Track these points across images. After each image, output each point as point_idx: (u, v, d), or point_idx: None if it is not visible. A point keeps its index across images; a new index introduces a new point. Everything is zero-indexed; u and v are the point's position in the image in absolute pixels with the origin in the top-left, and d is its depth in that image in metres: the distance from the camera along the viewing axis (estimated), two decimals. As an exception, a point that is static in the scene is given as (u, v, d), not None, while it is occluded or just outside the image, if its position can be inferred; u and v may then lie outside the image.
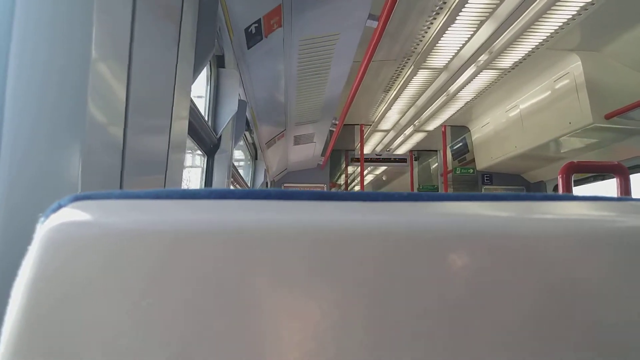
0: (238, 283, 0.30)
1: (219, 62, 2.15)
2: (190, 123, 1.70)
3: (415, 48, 3.68)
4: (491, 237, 0.33)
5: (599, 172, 3.42)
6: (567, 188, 1.68)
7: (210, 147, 2.15)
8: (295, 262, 0.31)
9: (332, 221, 0.33)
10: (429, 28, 3.33)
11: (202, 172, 2.18)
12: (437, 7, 3.04)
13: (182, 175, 1.39)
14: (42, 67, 0.77)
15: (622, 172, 1.67)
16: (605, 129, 3.82)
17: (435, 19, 3.19)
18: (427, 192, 0.37)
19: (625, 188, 1.66)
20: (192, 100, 1.58)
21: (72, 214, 0.31)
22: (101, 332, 0.29)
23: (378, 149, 7.22)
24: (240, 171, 3.45)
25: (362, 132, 6.18)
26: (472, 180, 6.29)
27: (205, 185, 2.18)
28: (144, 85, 1.03)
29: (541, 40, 3.43)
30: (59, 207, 0.32)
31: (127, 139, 0.93)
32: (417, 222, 0.33)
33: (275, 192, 0.36)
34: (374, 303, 0.31)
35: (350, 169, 7.26)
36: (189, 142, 1.89)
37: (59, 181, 0.76)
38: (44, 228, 0.31)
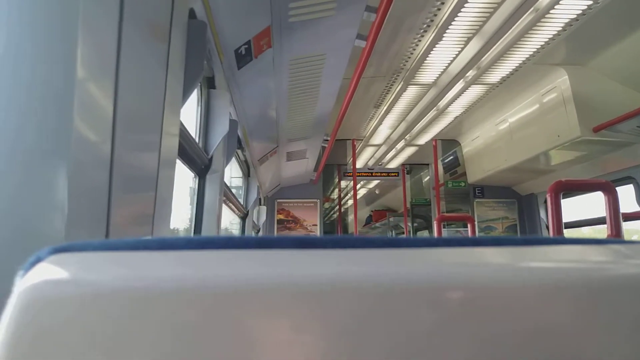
0: (217, 338, 0.30)
1: (210, 83, 2.16)
2: (180, 144, 1.70)
3: (404, 65, 3.73)
4: (474, 287, 0.33)
5: (586, 190, 3.46)
6: (556, 206, 1.70)
7: (201, 168, 2.16)
8: (276, 316, 0.31)
9: (312, 274, 0.32)
10: (417, 45, 3.38)
11: (194, 192, 2.18)
12: (425, 25, 3.08)
13: (172, 192, 1.39)
14: (26, 85, 0.78)
15: (609, 190, 1.69)
16: (594, 142, 3.87)
17: (423, 36, 3.23)
18: (407, 238, 0.37)
19: (613, 205, 1.68)
20: (181, 123, 1.59)
21: (50, 270, 0.31)
22: None
23: (370, 163, 7.25)
24: (233, 189, 3.46)
25: (354, 147, 6.21)
26: (463, 193, 6.32)
27: (197, 206, 2.18)
28: (132, 104, 1.03)
29: (528, 56, 3.48)
30: (38, 260, 0.32)
31: (115, 156, 0.93)
32: (398, 273, 0.33)
33: (255, 240, 0.35)
34: (356, 357, 0.31)
35: (343, 183, 7.28)
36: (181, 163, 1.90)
37: (46, 199, 0.76)
38: (22, 285, 0.30)
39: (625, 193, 4.22)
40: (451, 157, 6.35)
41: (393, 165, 7.12)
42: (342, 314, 0.31)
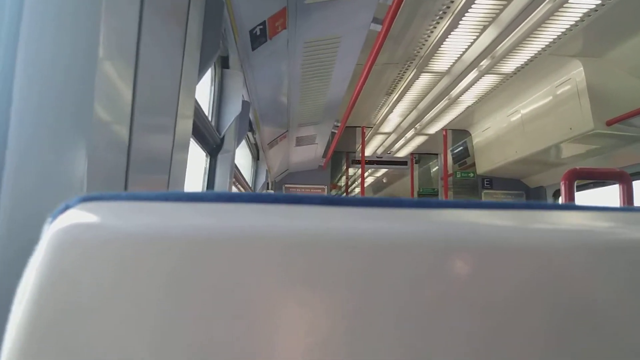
0: (250, 289, 0.30)
1: (224, 63, 2.16)
2: (193, 123, 1.71)
3: (418, 52, 3.69)
4: (494, 246, 0.33)
5: (601, 179, 3.44)
6: (570, 194, 1.69)
7: (213, 147, 2.16)
8: (307, 267, 0.31)
9: (342, 228, 0.33)
10: (432, 32, 3.35)
11: (205, 172, 2.19)
12: (441, 12, 3.05)
13: (185, 175, 1.40)
14: (49, 66, 0.78)
15: (624, 180, 1.67)
16: (607, 136, 3.83)
17: (438, 23, 3.20)
18: (434, 200, 0.37)
19: (628, 195, 1.66)
20: (196, 101, 1.59)
21: (80, 215, 0.31)
22: (111, 338, 0.29)
23: (379, 151, 7.22)
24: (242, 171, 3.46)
25: (363, 134, 6.19)
26: (472, 184, 6.30)
27: (207, 186, 2.19)
28: (150, 85, 1.04)
29: (544, 46, 3.44)
30: (67, 208, 0.32)
31: (132, 139, 0.94)
32: (424, 230, 0.33)
33: (283, 196, 0.36)
34: (380, 309, 0.31)
35: (351, 171, 7.27)
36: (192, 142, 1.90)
37: (65, 179, 0.77)
38: (52, 229, 0.30)
39: (637, 189, 4.18)
40: (461, 148, 6.32)
41: (402, 154, 7.10)
42: (373, 267, 0.32)
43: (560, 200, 1.71)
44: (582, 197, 4.91)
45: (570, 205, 0.40)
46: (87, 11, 0.79)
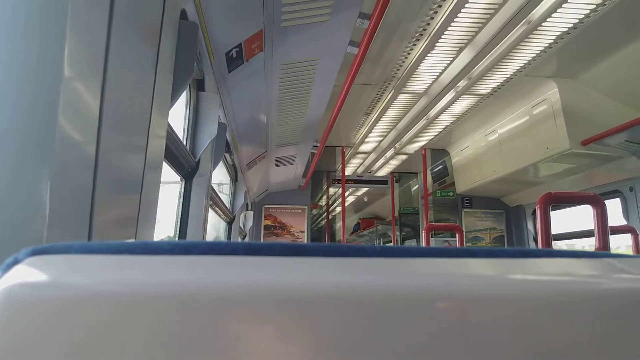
0: (201, 346, 0.29)
1: (199, 86, 2.13)
2: (167, 147, 1.67)
3: (396, 73, 3.72)
4: (466, 298, 0.32)
5: (575, 203, 3.47)
6: (545, 218, 1.70)
7: (188, 171, 2.12)
8: (262, 324, 0.30)
9: (300, 282, 0.31)
10: (409, 54, 3.38)
11: (180, 196, 2.14)
12: (417, 34, 3.08)
13: (157, 196, 1.36)
14: (13, 83, 0.76)
15: (598, 203, 1.69)
16: (582, 155, 3.89)
17: (415, 45, 3.23)
18: (399, 247, 0.36)
19: (602, 218, 1.68)
20: (169, 124, 1.56)
21: (28, 272, 0.30)
22: None
23: (359, 170, 7.24)
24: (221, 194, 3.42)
25: (343, 154, 6.19)
26: (452, 203, 6.33)
27: (182, 210, 2.14)
28: (119, 105, 1.02)
29: (519, 67, 3.50)
30: (16, 262, 0.31)
31: (99, 158, 0.91)
32: (389, 283, 0.32)
33: (242, 246, 0.34)
34: None
35: (331, 190, 7.26)
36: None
37: (27, 199, 0.74)
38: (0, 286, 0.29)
39: (612, 207, 4.25)
40: (440, 167, 6.37)
41: (382, 173, 7.13)
42: (330, 324, 0.30)
43: (537, 223, 1.72)
44: (559, 216, 4.97)
45: (551, 252, 0.40)
46: (52, 28, 0.78)
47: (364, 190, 8.62)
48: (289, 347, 0.30)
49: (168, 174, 1.99)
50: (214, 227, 3.89)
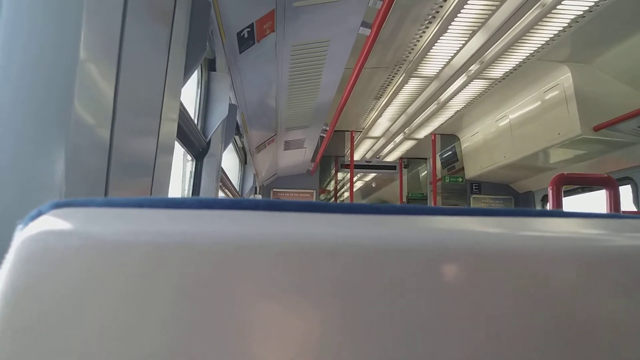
0: (222, 295, 0.30)
1: (210, 66, 2.13)
2: (179, 126, 1.67)
3: (407, 56, 3.69)
4: (482, 253, 0.33)
5: (588, 184, 3.45)
6: (557, 199, 1.68)
7: (199, 151, 2.13)
8: (282, 275, 0.30)
9: (320, 234, 0.32)
10: (421, 37, 3.34)
11: (190, 176, 2.15)
12: (430, 16, 3.05)
13: (169, 178, 1.37)
14: (29, 66, 0.76)
15: (611, 185, 1.67)
16: (594, 141, 3.85)
17: (427, 27, 3.20)
18: (415, 206, 0.37)
19: (614, 200, 1.66)
20: (182, 104, 1.56)
21: (52, 222, 0.30)
22: (82, 347, 0.28)
23: (368, 155, 7.22)
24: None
25: (352, 138, 6.17)
26: (460, 189, 6.31)
27: (193, 190, 2.15)
28: (133, 87, 1.02)
29: (532, 52, 3.45)
30: (39, 214, 0.31)
31: (114, 141, 0.91)
32: (405, 237, 0.33)
33: (264, 202, 0.35)
34: (359, 317, 0.31)
35: (339, 175, 7.25)
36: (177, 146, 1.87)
37: (43, 182, 0.75)
38: (21, 236, 0.30)
39: (623, 194, 4.21)
40: (449, 152, 6.33)
41: (391, 158, 7.11)
42: (350, 274, 0.31)
43: (548, 206, 1.70)
44: (570, 203, 4.95)
45: (554, 212, 0.40)
46: (69, 11, 0.78)
47: (372, 175, 8.60)
48: (304, 298, 0.31)
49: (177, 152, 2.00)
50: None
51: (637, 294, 0.34)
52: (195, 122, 2.07)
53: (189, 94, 2.08)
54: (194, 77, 2.09)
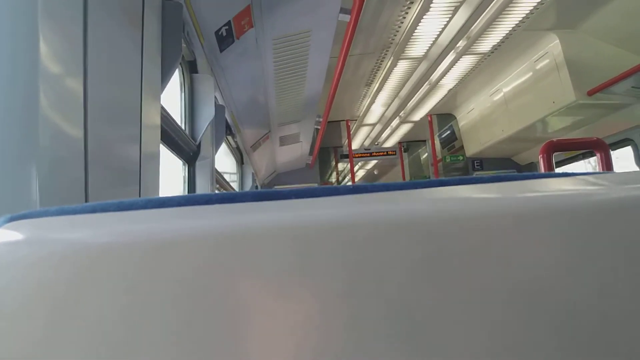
0: (172, 289, 0.29)
1: (192, 68, 2.11)
2: (166, 132, 1.66)
3: (393, 39, 3.66)
4: (479, 218, 0.33)
5: (579, 149, 3.42)
6: (549, 167, 1.67)
7: (190, 155, 2.11)
8: (238, 263, 0.30)
9: (274, 220, 0.32)
10: (405, 18, 3.31)
11: (184, 181, 2.14)
12: (411, -4, 3.02)
13: (158, 184, 1.36)
14: None
15: (602, 148, 1.65)
16: (589, 106, 3.82)
17: (409, 8, 3.17)
18: (396, 183, 0.37)
19: (606, 162, 1.64)
20: (164, 109, 1.54)
21: (4, 235, 0.31)
22: (33, 352, 0.28)
23: (366, 143, 7.20)
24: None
25: (348, 127, 6.15)
26: (462, 167, 6.28)
27: (188, 193, 2.14)
28: (105, 94, 1.00)
29: (517, 22, 3.41)
30: None
31: (89, 150, 0.90)
32: (401, 210, 0.33)
33: (218, 196, 0.35)
34: (359, 295, 0.30)
35: (340, 166, 7.24)
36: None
37: (16, 199, 0.73)
38: None
39: (625, 155, 4.19)
40: (448, 132, 6.30)
41: (390, 144, 7.08)
42: (340, 253, 0.31)
43: (541, 172, 1.68)
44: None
45: (548, 174, 0.40)
46: (23, 25, 0.76)
47: (373, 162, 8.58)
48: (290, 277, 0.30)
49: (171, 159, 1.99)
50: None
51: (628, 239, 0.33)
52: (183, 126, 2.06)
53: (174, 99, 2.07)
54: (177, 81, 2.08)
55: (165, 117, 1.62)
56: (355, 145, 6.87)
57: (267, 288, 0.30)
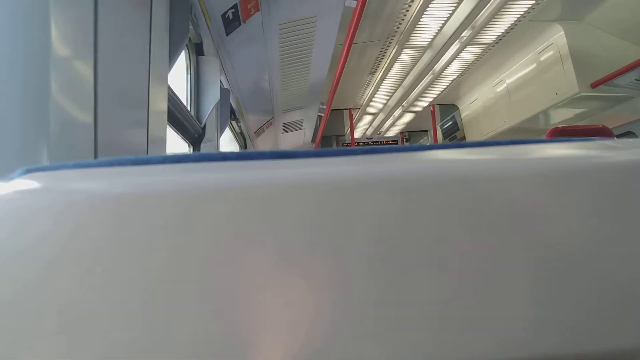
0: (192, 242, 0.30)
1: (198, 50, 2.12)
2: (172, 113, 1.68)
3: (398, 27, 3.66)
4: (468, 179, 0.33)
5: (584, 136, 3.40)
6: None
7: (195, 137, 2.13)
8: (246, 219, 0.30)
9: (321, 175, 0.33)
10: (410, 6, 3.31)
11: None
12: (417, -16, 3.02)
13: None
14: (1, 72, 0.74)
15: (607, 134, 1.66)
16: (592, 98, 3.81)
17: (415, -4, 3.16)
18: (417, 145, 0.39)
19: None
20: (171, 89, 1.56)
21: (22, 184, 0.31)
22: (56, 302, 0.28)
23: (368, 132, 7.20)
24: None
25: (351, 116, 6.15)
26: (463, 158, 6.28)
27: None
28: (116, 75, 1.00)
29: (523, 12, 3.41)
30: (10, 179, 0.32)
31: (98, 137, 0.89)
32: (411, 170, 0.33)
33: (234, 154, 0.35)
34: (375, 253, 0.31)
35: (342, 155, 7.22)
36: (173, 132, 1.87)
37: None
38: None
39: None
40: (450, 122, 6.30)
41: (392, 133, 7.08)
42: (356, 211, 0.31)
43: None
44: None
45: (541, 140, 0.40)
46: (35, 7, 0.75)
47: (375, 152, 8.57)
48: (279, 231, 0.30)
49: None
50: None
51: (625, 204, 0.34)
52: (188, 107, 2.07)
53: (180, 80, 2.08)
54: (183, 63, 2.09)
55: (172, 97, 1.64)
56: (357, 134, 6.88)
57: (283, 244, 0.30)
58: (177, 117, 1.80)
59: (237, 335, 0.29)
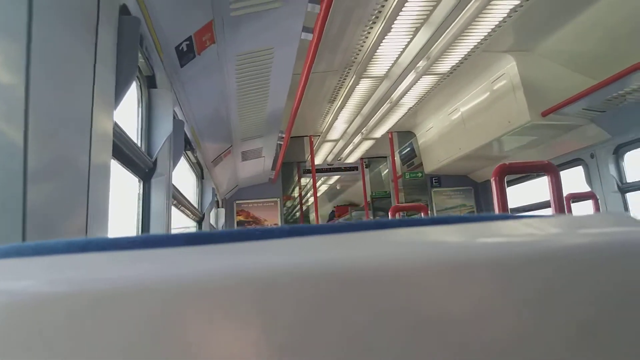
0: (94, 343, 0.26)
1: (150, 83, 2.06)
2: (118, 148, 1.61)
3: (356, 58, 3.70)
4: (418, 265, 0.30)
5: (530, 172, 3.52)
6: (501, 189, 1.70)
7: (145, 172, 2.05)
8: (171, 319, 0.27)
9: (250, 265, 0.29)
10: (367, 38, 3.36)
11: (138, 198, 2.08)
12: (373, 17, 3.06)
13: (108, 203, 1.30)
14: None
15: (552, 171, 1.70)
16: (543, 126, 3.95)
17: (372, 28, 3.21)
18: (345, 223, 0.35)
19: (557, 186, 1.69)
20: (117, 124, 1.49)
21: None
22: None
23: (329, 158, 7.22)
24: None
25: (311, 143, 6.16)
26: (421, 183, 6.38)
27: (143, 212, 2.08)
28: (51, 106, 0.95)
29: (476, 43, 3.51)
30: None
31: (28, 166, 0.84)
32: (353, 256, 0.30)
33: (140, 239, 0.32)
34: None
35: (303, 181, 7.22)
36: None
37: None
38: None
39: (577, 175, 4.35)
40: (408, 149, 6.40)
41: (352, 159, 7.12)
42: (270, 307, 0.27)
43: (494, 198, 1.70)
44: (521, 189, 5.09)
45: (505, 216, 0.38)
46: None
47: (335, 178, 8.61)
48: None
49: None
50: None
51: (587, 286, 0.31)
52: (139, 142, 2.00)
53: (130, 114, 2.01)
54: (134, 96, 2.03)
55: (119, 133, 1.57)
56: (318, 160, 6.88)
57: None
58: (125, 153, 1.73)
59: None
